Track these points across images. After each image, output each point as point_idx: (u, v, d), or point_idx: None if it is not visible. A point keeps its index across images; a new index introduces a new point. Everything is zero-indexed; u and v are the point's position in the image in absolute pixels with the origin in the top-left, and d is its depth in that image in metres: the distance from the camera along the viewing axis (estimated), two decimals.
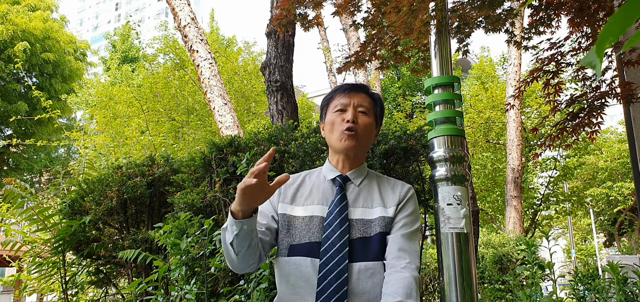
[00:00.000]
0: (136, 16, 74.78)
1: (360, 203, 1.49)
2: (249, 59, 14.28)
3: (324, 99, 1.62)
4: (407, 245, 1.43)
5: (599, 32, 3.21)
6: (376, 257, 1.41)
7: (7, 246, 3.71)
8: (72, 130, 10.55)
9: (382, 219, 1.45)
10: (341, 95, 1.55)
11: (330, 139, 1.55)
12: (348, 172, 1.54)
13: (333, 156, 1.57)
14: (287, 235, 1.48)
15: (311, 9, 2.91)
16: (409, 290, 1.31)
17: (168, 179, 3.34)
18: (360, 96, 1.55)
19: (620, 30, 0.45)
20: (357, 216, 1.46)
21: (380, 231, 1.44)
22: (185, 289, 2.44)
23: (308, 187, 1.55)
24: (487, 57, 16.36)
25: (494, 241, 8.26)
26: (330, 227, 1.43)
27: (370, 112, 1.55)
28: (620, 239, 22.19)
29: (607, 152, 18.01)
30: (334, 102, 1.56)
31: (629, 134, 4.56)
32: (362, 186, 1.53)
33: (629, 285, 2.96)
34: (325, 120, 1.58)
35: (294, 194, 1.54)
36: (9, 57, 14.75)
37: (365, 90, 1.58)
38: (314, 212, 1.48)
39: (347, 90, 1.55)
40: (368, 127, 1.53)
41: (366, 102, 1.55)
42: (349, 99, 1.53)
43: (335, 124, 1.52)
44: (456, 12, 2.69)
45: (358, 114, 1.52)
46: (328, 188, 1.52)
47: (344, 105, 1.53)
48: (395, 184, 1.55)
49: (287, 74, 3.96)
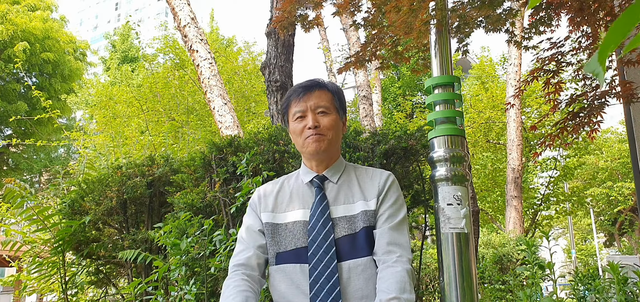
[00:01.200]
0: (136, 16, 74.71)
1: (341, 200, 1.46)
2: (249, 59, 14.28)
3: (282, 106, 1.58)
4: (396, 237, 1.40)
5: (599, 31, 3.22)
6: (364, 253, 1.39)
7: (7, 246, 3.71)
8: (72, 130, 10.55)
9: (364, 213, 1.42)
10: (296, 101, 1.49)
11: (298, 146, 1.51)
12: (324, 171, 1.51)
13: (306, 160, 1.54)
14: (272, 243, 1.46)
15: (311, 10, 2.91)
16: (402, 284, 1.30)
17: (168, 179, 3.34)
18: (315, 96, 1.48)
19: (622, 37, 0.45)
20: (339, 214, 1.43)
21: (364, 225, 1.41)
22: (185, 289, 2.43)
23: (287, 192, 1.52)
24: (487, 57, 16.36)
25: (494, 241, 8.26)
26: (315, 229, 1.41)
27: (330, 108, 1.50)
28: (621, 239, 22.20)
29: (607, 152, 18.02)
30: (292, 110, 1.51)
31: (629, 134, 4.56)
32: (341, 183, 1.50)
33: (629, 285, 2.95)
34: (289, 129, 1.55)
35: (274, 201, 1.51)
36: (9, 57, 14.75)
37: (319, 87, 1.51)
38: (296, 218, 1.45)
39: (301, 93, 1.49)
40: (331, 124, 1.48)
41: (323, 100, 1.49)
42: (305, 103, 1.48)
43: (297, 131, 1.49)
44: (456, 11, 2.68)
45: (318, 117, 1.47)
46: (307, 191, 1.50)
47: (302, 111, 1.48)
48: (374, 174, 1.51)
49: (287, 74, 3.96)
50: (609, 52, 0.46)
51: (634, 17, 0.44)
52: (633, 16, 0.44)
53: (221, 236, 2.45)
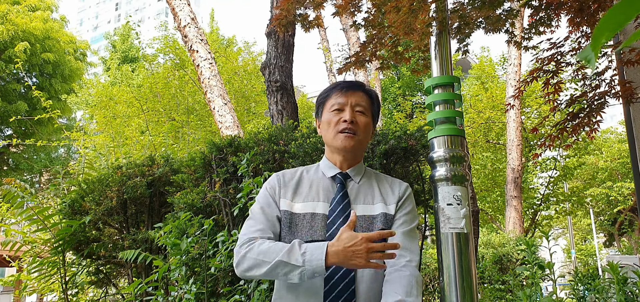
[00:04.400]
0: (136, 16, 74.75)
1: (361, 200, 1.48)
2: (249, 59, 14.28)
3: (320, 97, 1.60)
4: (407, 242, 1.43)
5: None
6: None
7: (7, 246, 3.71)
8: (72, 130, 10.54)
9: (384, 215, 1.45)
10: (338, 94, 1.53)
11: (328, 137, 1.53)
12: (347, 169, 1.53)
13: (331, 154, 1.55)
14: (289, 232, 1.45)
15: (311, 10, 2.91)
16: (409, 288, 1.32)
17: (168, 179, 3.34)
18: (357, 95, 1.53)
19: (616, 26, 0.45)
20: (359, 212, 1.45)
21: (382, 227, 1.44)
22: (185, 289, 2.44)
23: (307, 183, 1.53)
24: (487, 57, 16.36)
25: (494, 241, 8.26)
26: (335, 225, 1.42)
27: (368, 111, 1.54)
28: (620, 239, 22.19)
29: (607, 152, 18.01)
30: (331, 101, 1.54)
31: (629, 134, 4.56)
32: (362, 183, 1.52)
33: (629, 285, 2.95)
34: (321, 119, 1.57)
35: (294, 190, 1.51)
36: (10, 57, 14.75)
37: (362, 89, 1.56)
38: (315, 209, 1.46)
39: (344, 89, 1.53)
40: (366, 126, 1.52)
41: (363, 101, 1.54)
42: (346, 98, 1.51)
43: (332, 123, 1.51)
44: (456, 12, 2.69)
45: (356, 114, 1.50)
46: (328, 185, 1.51)
47: (341, 104, 1.51)
48: (393, 182, 1.55)
49: (287, 74, 3.96)
50: (602, 40, 0.46)
51: (629, 8, 0.43)
52: (628, 7, 0.43)
53: (224, 237, 2.45)
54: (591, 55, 0.47)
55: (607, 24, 0.45)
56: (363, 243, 1.24)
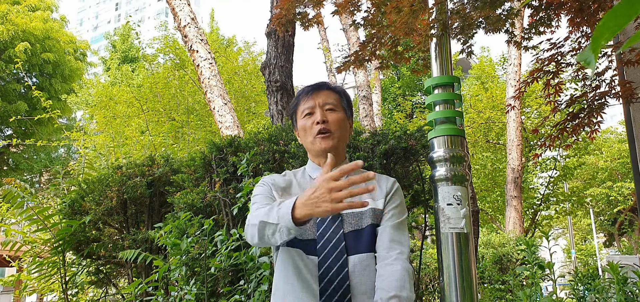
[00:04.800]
0: (136, 16, 74.69)
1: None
2: (249, 59, 14.28)
3: (291, 107, 1.63)
4: (397, 235, 1.45)
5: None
6: (368, 248, 1.43)
7: (7, 246, 3.71)
8: (72, 130, 10.54)
9: (372, 211, 1.46)
10: (305, 98, 1.56)
11: (307, 143, 1.55)
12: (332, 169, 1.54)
13: (314, 158, 1.57)
14: None
15: (311, 8, 2.91)
16: (402, 282, 1.33)
17: (168, 179, 3.34)
18: (323, 94, 1.55)
19: (616, 28, 0.45)
20: (346, 209, 1.46)
21: (372, 222, 1.45)
22: (185, 289, 2.44)
23: (296, 185, 1.55)
24: (487, 57, 16.36)
25: (494, 241, 8.26)
26: (324, 223, 1.44)
27: (338, 106, 1.56)
28: (620, 239, 22.19)
29: (607, 152, 18.02)
30: (301, 108, 1.57)
31: (629, 134, 4.56)
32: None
33: (629, 285, 2.95)
34: (297, 128, 1.59)
35: (284, 191, 1.54)
36: (10, 57, 14.75)
37: (327, 87, 1.59)
38: None
39: (310, 92, 1.56)
40: (339, 121, 1.53)
41: (331, 98, 1.56)
42: (314, 100, 1.54)
43: (307, 128, 1.53)
44: (457, 13, 2.69)
45: (326, 113, 1.52)
46: None
47: (311, 107, 1.53)
48: (380, 178, 1.56)
49: (287, 74, 3.96)
50: (602, 42, 0.45)
51: (628, 10, 0.43)
52: (627, 9, 0.43)
53: (222, 236, 2.45)
54: (591, 58, 0.47)
55: (607, 25, 0.45)
56: (323, 185, 1.18)
